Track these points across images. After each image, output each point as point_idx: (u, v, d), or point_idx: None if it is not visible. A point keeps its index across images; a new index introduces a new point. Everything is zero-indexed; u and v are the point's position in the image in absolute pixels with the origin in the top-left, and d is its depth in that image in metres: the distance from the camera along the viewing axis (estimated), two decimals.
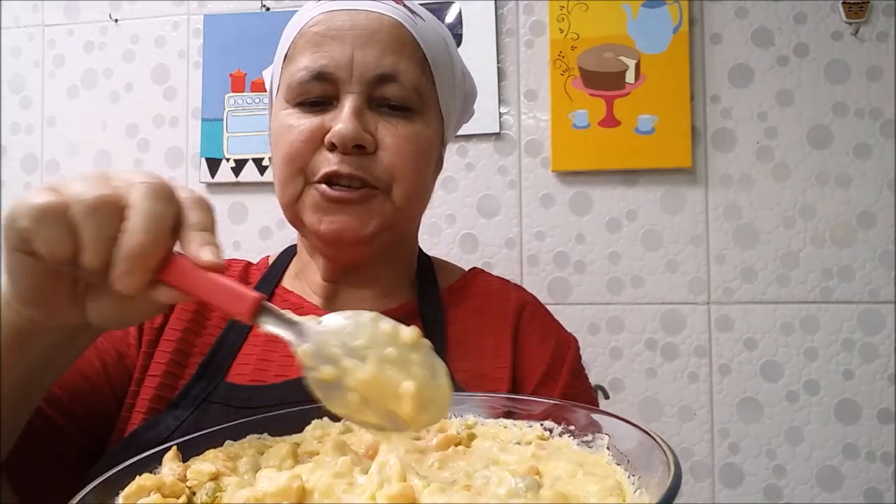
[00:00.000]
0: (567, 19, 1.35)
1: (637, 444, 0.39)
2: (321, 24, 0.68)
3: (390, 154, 0.66)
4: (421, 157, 0.69)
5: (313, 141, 0.66)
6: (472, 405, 0.49)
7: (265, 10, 1.47)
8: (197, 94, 1.49)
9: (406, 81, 0.67)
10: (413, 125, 0.68)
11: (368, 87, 0.66)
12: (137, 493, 0.37)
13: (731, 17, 1.32)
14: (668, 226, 1.33)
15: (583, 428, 0.44)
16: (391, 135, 0.66)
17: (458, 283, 0.81)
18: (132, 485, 0.38)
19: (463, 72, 0.79)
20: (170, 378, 0.68)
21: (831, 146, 1.29)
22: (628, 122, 1.32)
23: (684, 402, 1.31)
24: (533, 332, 0.76)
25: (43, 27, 1.57)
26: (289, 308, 0.73)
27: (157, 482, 0.38)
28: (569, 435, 0.45)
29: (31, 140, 1.57)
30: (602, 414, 0.44)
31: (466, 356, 0.70)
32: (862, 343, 1.26)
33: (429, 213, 1.41)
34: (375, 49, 0.66)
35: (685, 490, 1.29)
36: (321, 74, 0.66)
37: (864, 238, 1.27)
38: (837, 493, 1.26)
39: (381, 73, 0.66)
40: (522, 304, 0.79)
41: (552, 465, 0.40)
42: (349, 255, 0.71)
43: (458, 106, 0.78)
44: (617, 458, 0.41)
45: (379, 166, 0.66)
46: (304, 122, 0.67)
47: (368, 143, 0.65)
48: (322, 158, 0.66)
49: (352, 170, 0.65)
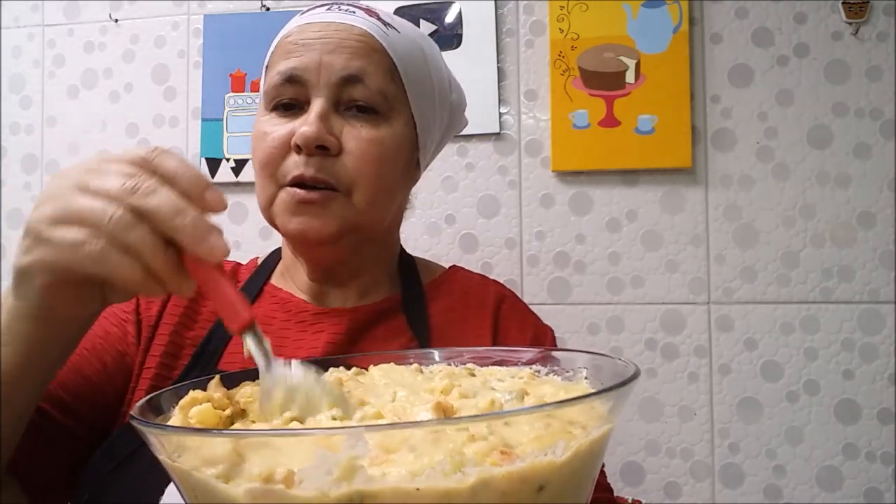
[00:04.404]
0: (567, 19, 1.35)
1: (609, 372, 0.45)
2: (295, 35, 0.72)
3: (353, 158, 0.69)
4: (384, 162, 0.71)
5: (284, 146, 0.69)
6: (467, 357, 0.55)
7: (265, 10, 1.47)
8: (197, 94, 1.49)
9: (372, 84, 0.69)
10: (378, 129, 0.70)
11: (335, 89, 0.69)
12: (191, 404, 0.42)
13: (731, 17, 1.32)
14: (668, 226, 1.33)
15: (566, 367, 0.51)
16: (354, 139, 0.69)
17: (439, 279, 0.85)
18: (186, 397, 0.43)
19: (449, 81, 0.81)
20: (165, 369, 0.71)
21: (831, 146, 1.29)
22: (628, 122, 1.32)
23: (684, 402, 1.31)
24: (512, 323, 0.81)
25: (43, 27, 1.57)
26: (278, 303, 0.78)
27: (208, 396, 0.43)
28: (554, 374, 0.51)
29: (31, 140, 1.57)
30: (580, 352, 0.50)
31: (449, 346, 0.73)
32: (862, 343, 1.26)
33: (429, 213, 1.41)
34: (343, 54, 0.69)
35: (685, 490, 1.29)
36: (291, 77, 0.69)
37: (864, 238, 1.27)
38: (837, 493, 1.26)
39: (346, 75, 0.69)
40: (501, 298, 0.84)
41: (539, 388, 0.45)
42: (318, 254, 0.75)
43: (441, 116, 0.80)
44: (594, 385, 0.47)
45: (341, 169, 0.69)
46: (276, 128, 0.70)
47: (332, 145, 0.68)
48: (291, 162, 0.68)
49: (315, 172, 0.67)
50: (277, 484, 0.31)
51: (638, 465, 1.31)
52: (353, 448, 0.31)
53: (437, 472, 0.31)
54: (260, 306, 0.78)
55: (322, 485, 0.31)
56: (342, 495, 0.31)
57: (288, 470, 0.31)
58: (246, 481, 0.32)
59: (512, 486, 0.32)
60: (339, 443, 0.31)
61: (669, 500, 1.30)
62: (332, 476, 0.31)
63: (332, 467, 0.31)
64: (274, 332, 0.74)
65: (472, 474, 0.31)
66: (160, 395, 0.44)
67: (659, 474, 1.30)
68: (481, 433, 0.33)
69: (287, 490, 0.31)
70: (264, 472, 0.32)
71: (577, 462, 0.34)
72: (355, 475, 0.31)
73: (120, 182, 0.43)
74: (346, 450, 0.31)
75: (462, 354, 0.56)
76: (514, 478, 0.32)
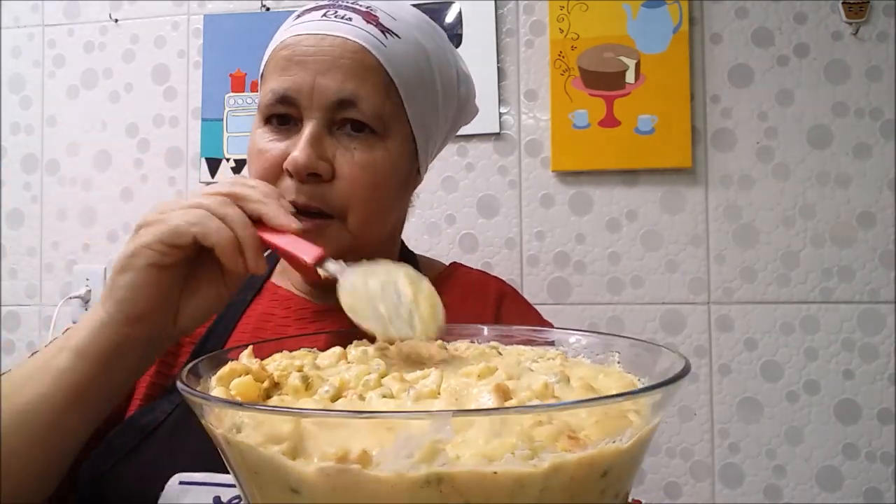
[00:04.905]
0: (567, 19, 1.35)
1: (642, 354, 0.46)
2: (288, 49, 0.70)
3: (346, 183, 0.68)
4: (378, 185, 0.70)
5: (276, 168, 0.68)
6: (494, 334, 0.57)
7: (265, 10, 1.47)
8: (197, 94, 1.49)
9: (366, 107, 0.68)
10: (372, 152, 0.69)
11: (328, 111, 0.68)
12: (230, 375, 0.42)
13: (731, 17, 1.32)
14: (668, 226, 1.33)
15: (594, 349, 0.51)
16: (348, 163, 0.68)
17: (440, 276, 0.85)
18: (224, 368, 0.43)
19: (457, 73, 0.79)
20: (164, 367, 0.71)
21: (831, 146, 1.29)
22: (628, 122, 1.32)
23: (684, 402, 1.31)
24: (513, 317, 0.81)
25: (43, 27, 1.57)
26: (278, 300, 0.78)
27: (246, 367, 0.43)
28: (583, 356, 0.52)
29: (31, 140, 1.57)
30: (612, 336, 0.51)
31: None
32: (862, 343, 1.26)
33: (429, 213, 1.41)
34: (337, 75, 0.67)
35: (685, 490, 1.29)
36: (284, 98, 0.68)
37: (864, 238, 1.27)
38: (837, 493, 1.26)
39: (340, 99, 0.67)
40: (502, 294, 0.85)
41: (576, 371, 0.45)
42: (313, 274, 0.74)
43: (446, 115, 0.79)
44: (627, 367, 0.48)
45: (335, 195, 0.68)
46: (270, 147, 0.69)
47: (324, 171, 0.67)
48: (284, 186, 0.68)
49: (307, 200, 0.67)
50: (353, 464, 0.31)
51: None
52: (437, 432, 0.31)
53: (516, 457, 0.31)
54: (259, 304, 0.78)
55: (400, 466, 0.31)
56: (420, 477, 0.31)
57: (363, 450, 0.31)
58: (317, 460, 0.32)
59: (581, 470, 0.33)
60: (423, 425, 0.31)
61: (669, 500, 1.30)
62: (412, 459, 0.31)
63: (414, 450, 0.31)
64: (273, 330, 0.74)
65: (547, 460, 0.32)
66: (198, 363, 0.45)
67: (659, 474, 1.30)
68: (545, 417, 0.34)
69: (363, 470, 0.31)
70: (339, 452, 0.32)
71: (637, 448, 0.36)
72: (436, 458, 0.31)
73: (217, 188, 0.56)
74: (430, 433, 0.31)
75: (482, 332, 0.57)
76: (585, 463, 0.33)
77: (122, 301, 0.53)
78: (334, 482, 0.32)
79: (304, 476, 0.32)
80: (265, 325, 0.74)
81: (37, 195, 1.56)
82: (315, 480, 0.32)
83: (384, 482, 0.31)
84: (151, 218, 0.54)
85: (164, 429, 0.64)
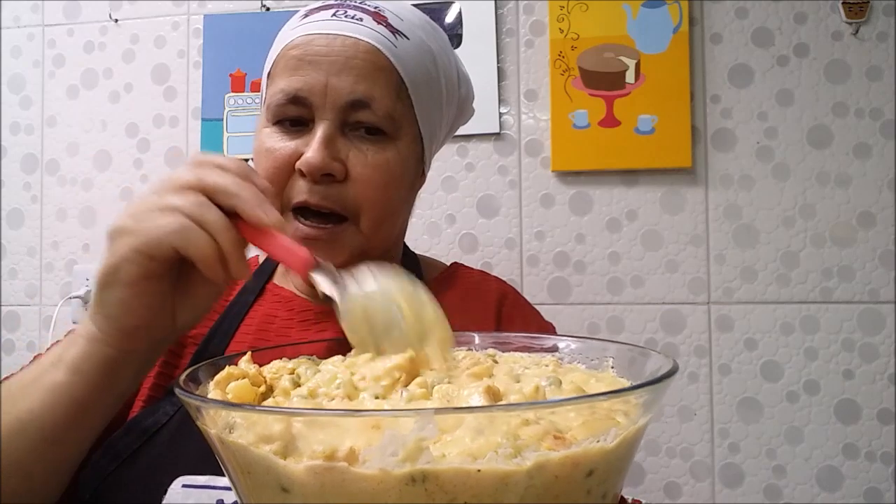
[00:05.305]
0: (567, 19, 1.35)
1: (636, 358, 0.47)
2: (299, 48, 0.69)
3: (359, 184, 0.68)
4: (390, 185, 0.70)
5: (288, 167, 0.68)
6: (490, 342, 0.57)
7: (265, 10, 1.47)
8: (197, 94, 1.49)
9: (379, 108, 0.67)
10: (385, 153, 0.69)
11: (341, 112, 0.67)
12: (227, 380, 0.43)
13: (731, 17, 1.33)
14: (668, 226, 1.33)
15: (589, 354, 0.52)
16: (361, 164, 0.67)
17: (441, 276, 0.85)
18: (222, 373, 0.44)
19: (458, 74, 0.80)
20: (167, 367, 0.71)
21: (831, 146, 1.29)
22: (628, 122, 1.32)
23: (684, 402, 1.31)
24: (515, 318, 0.81)
25: (43, 27, 1.57)
26: (280, 302, 0.77)
27: (243, 372, 0.44)
28: (578, 362, 0.52)
29: (31, 140, 1.57)
30: (604, 341, 0.52)
31: None
32: (862, 343, 1.26)
33: (429, 213, 1.41)
34: (350, 75, 0.67)
35: (685, 490, 1.29)
36: (296, 98, 0.67)
37: (864, 238, 1.27)
38: (837, 493, 1.26)
39: (353, 100, 0.67)
40: (504, 294, 0.84)
41: (569, 376, 0.47)
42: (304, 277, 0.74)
43: (448, 115, 0.79)
44: (620, 373, 0.48)
45: (348, 195, 0.68)
46: (280, 146, 0.68)
47: (337, 172, 0.67)
48: (296, 186, 0.67)
49: (320, 200, 0.67)
50: (340, 462, 0.32)
51: (638, 465, 1.30)
52: (421, 430, 0.32)
53: (499, 455, 0.32)
54: (262, 305, 0.77)
55: (386, 464, 0.31)
56: (405, 474, 0.31)
57: (350, 448, 0.32)
58: (306, 458, 0.33)
59: (565, 469, 0.33)
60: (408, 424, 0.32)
61: (669, 500, 1.30)
62: (397, 456, 0.31)
63: (399, 448, 0.31)
64: (276, 331, 0.74)
65: (531, 458, 0.32)
66: (197, 369, 0.45)
67: (659, 474, 1.30)
68: (532, 417, 0.34)
69: (350, 468, 0.32)
70: (327, 450, 0.32)
71: (623, 448, 0.36)
72: (420, 456, 0.31)
73: (187, 177, 0.51)
74: (414, 431, 0.32)
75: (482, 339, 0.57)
76: (569, 462, 0.33)
77: (113, 318, 0.52)
78: (323, 480, 0.32)
79: (294, 475, 0.33)
80: (268, 326, 0.74)
81: (37, 195, 1.56)
82: (304, 479, 0.33)
83: (370, 479, 0.32)
84: (125, 225, 0.51)
85: (167, 431, 0.63)
